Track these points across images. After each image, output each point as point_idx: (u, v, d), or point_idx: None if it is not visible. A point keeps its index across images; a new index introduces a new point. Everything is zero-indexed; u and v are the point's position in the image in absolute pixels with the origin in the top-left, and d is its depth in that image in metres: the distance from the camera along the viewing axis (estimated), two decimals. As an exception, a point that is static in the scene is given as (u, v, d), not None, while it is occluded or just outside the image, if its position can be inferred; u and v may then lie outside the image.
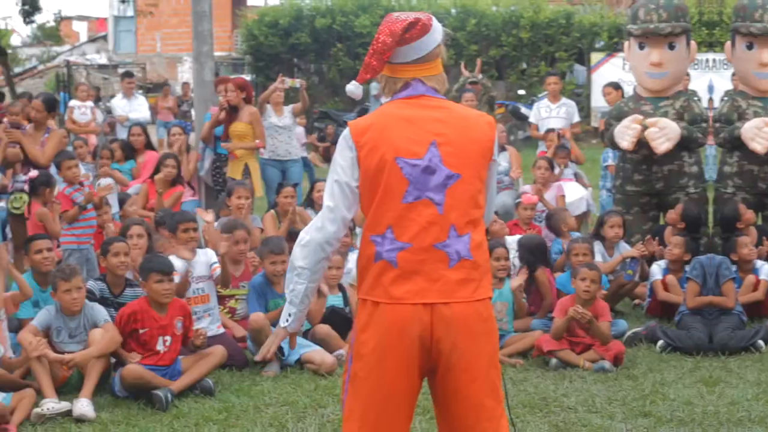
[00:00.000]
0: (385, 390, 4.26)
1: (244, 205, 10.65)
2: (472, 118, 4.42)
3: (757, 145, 10.40)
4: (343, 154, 4.33)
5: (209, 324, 8.75)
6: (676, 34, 10.69)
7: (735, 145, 10.81)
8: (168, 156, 12.46)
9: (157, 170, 12.28)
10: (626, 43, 11.29)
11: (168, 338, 7.93)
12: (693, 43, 11.04)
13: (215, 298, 9.04)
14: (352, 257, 9.29)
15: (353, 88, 4.49)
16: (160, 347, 7.89)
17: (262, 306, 8.80)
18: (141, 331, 7.85)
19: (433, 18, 4.41)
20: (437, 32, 4.40)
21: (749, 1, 10.89)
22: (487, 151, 4.36)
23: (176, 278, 8.26)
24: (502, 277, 9.10)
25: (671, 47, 10.75)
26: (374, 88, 23.41)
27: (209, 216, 10.23)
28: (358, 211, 4.41)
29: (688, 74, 14.42)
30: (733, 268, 9.63)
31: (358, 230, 9.18)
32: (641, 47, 10.90)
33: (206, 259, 9.08)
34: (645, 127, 10.50)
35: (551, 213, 11.21)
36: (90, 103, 19.06)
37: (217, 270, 9.00)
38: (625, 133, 10.62)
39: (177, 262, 8.63)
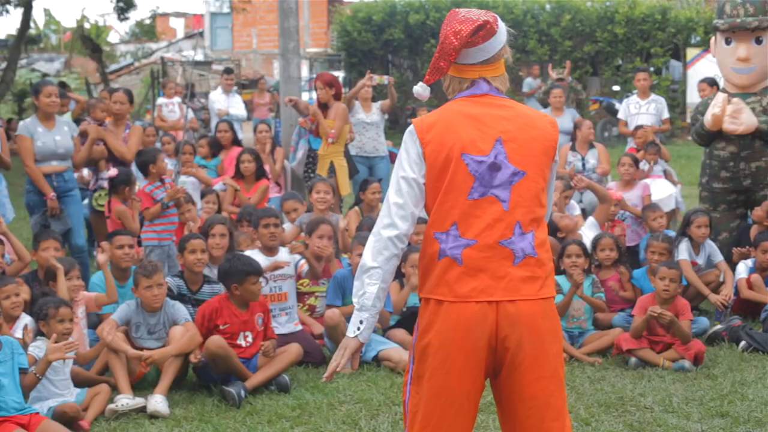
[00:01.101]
0: (450, 391, 4.23)
1: (325, 200, 10.66)
2: (536, 118, 4.40)
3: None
4: (409, 150, 4.30)
5: (286, 322, 8.80)
6: (763, 28, 10.51)
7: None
8: (245, 151, 12.53)
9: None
10: (713, 39, 11.14)
11: (249, 334, 8.01)
12: (781, 37, 10.85)
13: (294, 297, 9.04)
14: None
15: (420, 89, 4.45)
16: (241, 342, 7.97)
17: (339, 299, 8.84)
18: (222, 327, 7.92)
19: (499, 19, 4.38)
20: (503, 34, 4.37)
21: None
22: (550, 150, 4.34)
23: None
24: (573, 273, 8.98)
25: (758, 42, 10.58)
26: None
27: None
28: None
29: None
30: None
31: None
32: (728, 42, 10.74)
33: (289, 258, 9.09)
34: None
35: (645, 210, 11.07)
36: (177, 100, 19.29)
37: (305, 267, 9.01)
38: (712, 107, 10.69)
39: (259, 257, 8.69)
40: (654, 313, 8.30)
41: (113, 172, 10.42)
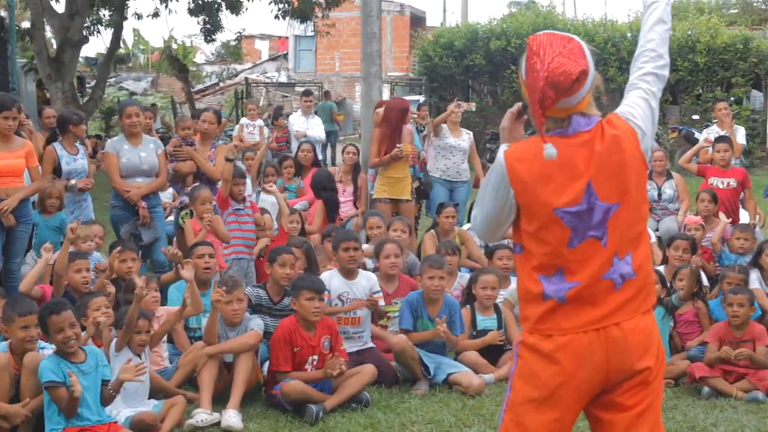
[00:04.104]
0: (552, 423, 4.21)
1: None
2: (621, 136, 4.22)
3: None
4: (499, 188, 4.27)
5: (360, 346, 8.85)
6: None
7: None
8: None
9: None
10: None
11: (316, 357, 8.09)
12: None
13: (368, 323, 9.03)
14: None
15: (554, 151, 4.14)
16: (308, 366, 8.06)
17: (411, 323, 8.82)
18: (295, 350, 8.01)
19: (584, 45, 4.20)
20: (592, 68, 4.20)
21: None
22: (640, 166, 4.25)
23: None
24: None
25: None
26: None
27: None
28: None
29: None
30: None
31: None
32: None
33: (368, 284, 9.09)
34: None
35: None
36: (259, 122, 19.60)
37: (381, 300, 9.05)
38: None
39: (336, 279, 8.87)
40: (729, 354, 8.31)
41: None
